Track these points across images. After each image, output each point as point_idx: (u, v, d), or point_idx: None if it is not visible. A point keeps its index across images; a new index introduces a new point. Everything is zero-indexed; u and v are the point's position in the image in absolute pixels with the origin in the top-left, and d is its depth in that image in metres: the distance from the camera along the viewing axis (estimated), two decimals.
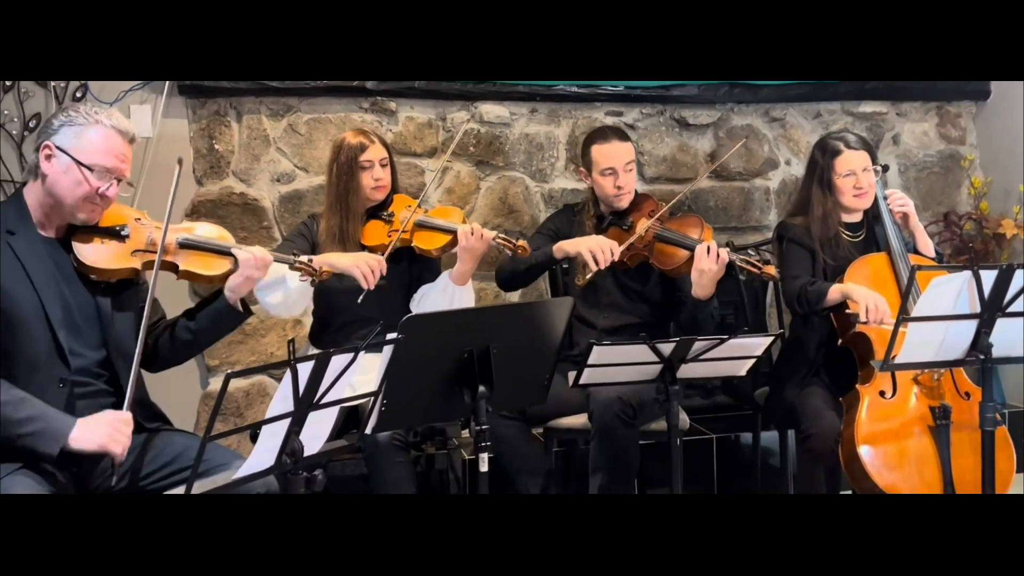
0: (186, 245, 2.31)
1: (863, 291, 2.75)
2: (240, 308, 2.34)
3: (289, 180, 3.58)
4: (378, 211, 2.93)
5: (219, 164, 3.50)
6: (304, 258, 2.48)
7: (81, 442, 2.05)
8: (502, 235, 2.81)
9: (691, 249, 2.83)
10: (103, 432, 2.07)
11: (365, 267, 2.69)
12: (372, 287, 2.69)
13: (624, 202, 3.06)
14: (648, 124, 3.88)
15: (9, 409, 2.02)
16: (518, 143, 3.78)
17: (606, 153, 3.03)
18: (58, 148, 2.16)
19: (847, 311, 2.78)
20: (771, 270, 2.77)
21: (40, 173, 2.18)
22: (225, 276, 2.32)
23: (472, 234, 2.76)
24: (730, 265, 2.78)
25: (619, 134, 3.10)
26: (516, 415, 2.85)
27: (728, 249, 2.78)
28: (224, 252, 2.33)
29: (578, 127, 3.82)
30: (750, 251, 2.85)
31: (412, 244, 2.84)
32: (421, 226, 2.85)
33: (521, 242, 2.81)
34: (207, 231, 2.39)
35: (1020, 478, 2.90)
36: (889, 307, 2.70)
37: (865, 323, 2.69)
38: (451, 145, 3.21)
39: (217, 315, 2.33)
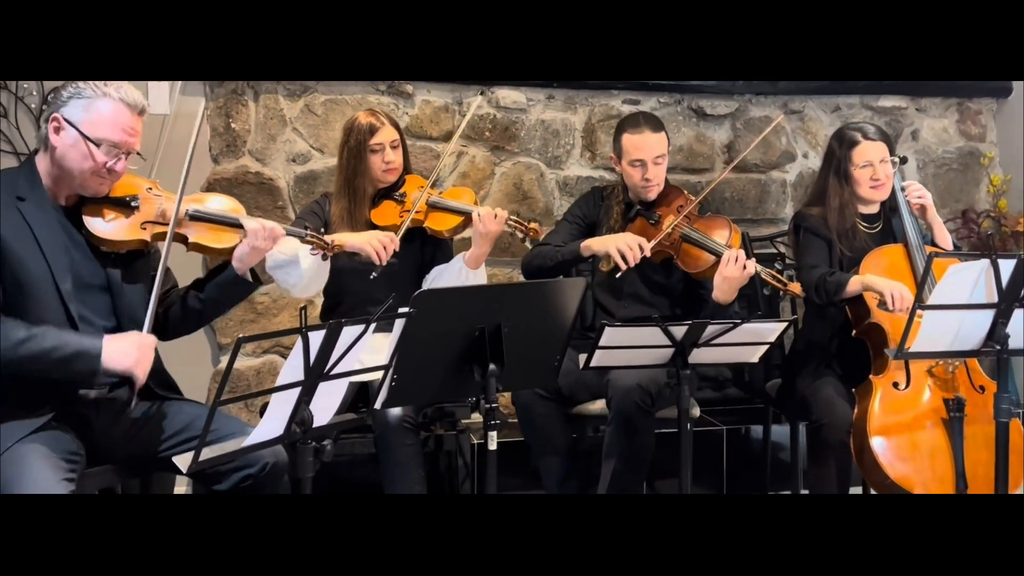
0: (196, 217, 2.28)
1: (885, 281, 2.72)
2: (249, 278, 2.32)
3: (305, 160, 3.58)
4: (390, 191, 2.92)
5: (235, 143, 3.50)
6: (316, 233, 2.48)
7: (111, 362, 2.08)
8: (514, 217, 2.80)
9: (717, 255, 2.79)
10: (132, 354, 2.11)
11: (377, 244, 2.69)
12: (384, 263, 2.69)
13: (652, 194, 3.01)
14: (665, 113, 3.86)
15: (33, 343, 2.03)
16: (534, 129, 3.76)
17: (636, 143, 2.96)
18: (66, 120, 2.13)
19: (870, 299, 2.75)
20: (796, 288, 2.72)
21: (49, 145, 2.16)
22: (235, 248, 2.30)
23: (488, 216, 2.76)
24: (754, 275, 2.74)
25: (652, 124, 3.00)
26: (551, 395, 2.83)
27: (755, 260, 2.75)
28: (234, 224, 2.31)
29: (594, 114, 3.81)
30: (776, 264, 2.80)
31: (424, 225, 2.84)
32: (434, 207, 2.85)
33: (533, 224, 2.81)
34: (219, 203, 2.36)
35: None
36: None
37: (891, 311, 2.66)
38: (459, 129, 3.13)
39: (225, 285, 2.32)
